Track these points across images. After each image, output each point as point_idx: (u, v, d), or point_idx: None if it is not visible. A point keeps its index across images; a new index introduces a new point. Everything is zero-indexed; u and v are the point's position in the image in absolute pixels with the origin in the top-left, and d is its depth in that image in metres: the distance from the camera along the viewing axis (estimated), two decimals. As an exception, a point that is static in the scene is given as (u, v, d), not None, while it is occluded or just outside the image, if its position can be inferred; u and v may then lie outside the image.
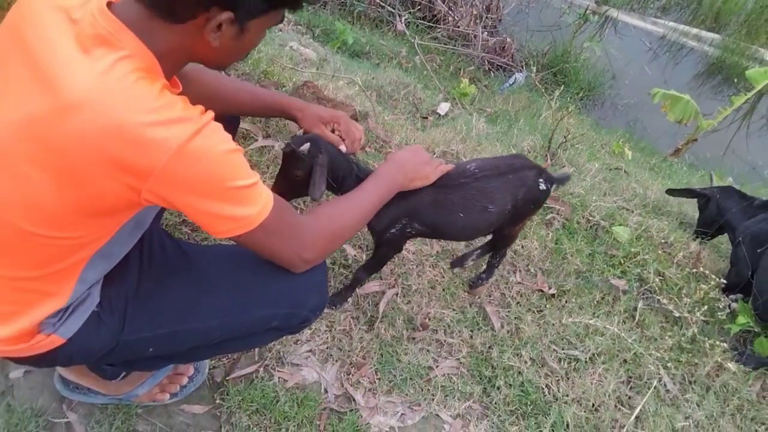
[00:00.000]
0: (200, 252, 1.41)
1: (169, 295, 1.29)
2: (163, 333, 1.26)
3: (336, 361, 1.91)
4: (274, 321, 1.37)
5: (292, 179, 1.57)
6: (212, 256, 1.39)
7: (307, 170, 1.53)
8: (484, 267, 2.22)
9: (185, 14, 1.00)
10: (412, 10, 5.20)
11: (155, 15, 0.99)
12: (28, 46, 0.98)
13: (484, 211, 1.72)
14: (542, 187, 1.79)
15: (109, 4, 1.00)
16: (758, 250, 2.51)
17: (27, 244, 1.03)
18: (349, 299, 2.04)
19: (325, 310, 1.98)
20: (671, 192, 3.11)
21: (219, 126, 1.02)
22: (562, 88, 3.45)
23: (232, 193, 1.03)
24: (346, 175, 1.62)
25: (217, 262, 1.36)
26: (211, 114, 1.02)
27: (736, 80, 6.50)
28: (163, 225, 1.94)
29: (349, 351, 1.94)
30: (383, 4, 5.03)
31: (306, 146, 1.53)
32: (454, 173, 1.69)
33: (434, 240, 2.35)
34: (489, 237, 2.06)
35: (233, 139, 1.07)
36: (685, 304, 2.42)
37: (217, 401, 1.73)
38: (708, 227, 2.95)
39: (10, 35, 1.02)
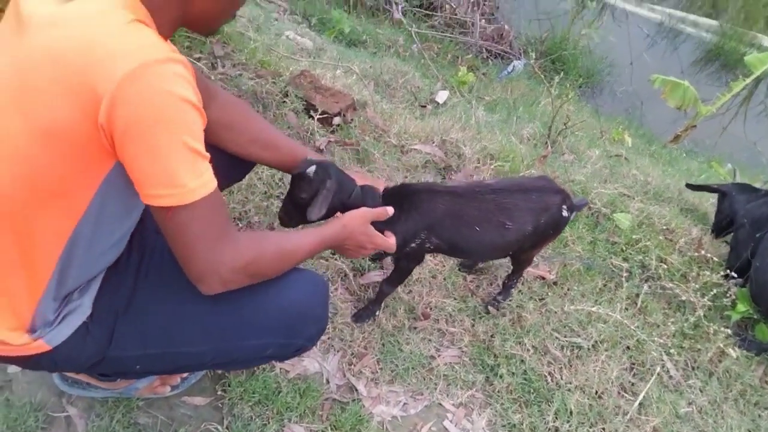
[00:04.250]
0: None
1: (161, 313, 1.21)
2: (150, 353, 1.21)
3: (338, 351, 1.90)
4: (268, 350, 1.32)
5: (298, 203, 1.52)
6: None
7: (312, 194, 1.48)
8: (500, 288, 2.18)
9: None
10: (409, -1, 5.17)
11: None
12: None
13: (502, 228, 1.65)
14: (565, 213, 1.74)
15: None
16: (757, 235, 2.49)
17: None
18: (378, 312, 2.01)
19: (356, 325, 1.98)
20: (690, 186, 3.06)
21: (191, 76, 0.98)
22: (561, 75, 3.40)
23: (180, 150, 0.94)
24: (356, 205, 1.53)
25: None
26: (186, 62, 0.97)
27: (732, 66, 6.48)
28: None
29: (350, 341, 1.93)
30: (380, -7, 4.99)
31: (312, 168, 1.48)
32: (468, 186, 1.62)
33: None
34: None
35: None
36: (691, 288, 2.41)
37: (219, 393, 1.71)
38: (723, 222, 2.89)
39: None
